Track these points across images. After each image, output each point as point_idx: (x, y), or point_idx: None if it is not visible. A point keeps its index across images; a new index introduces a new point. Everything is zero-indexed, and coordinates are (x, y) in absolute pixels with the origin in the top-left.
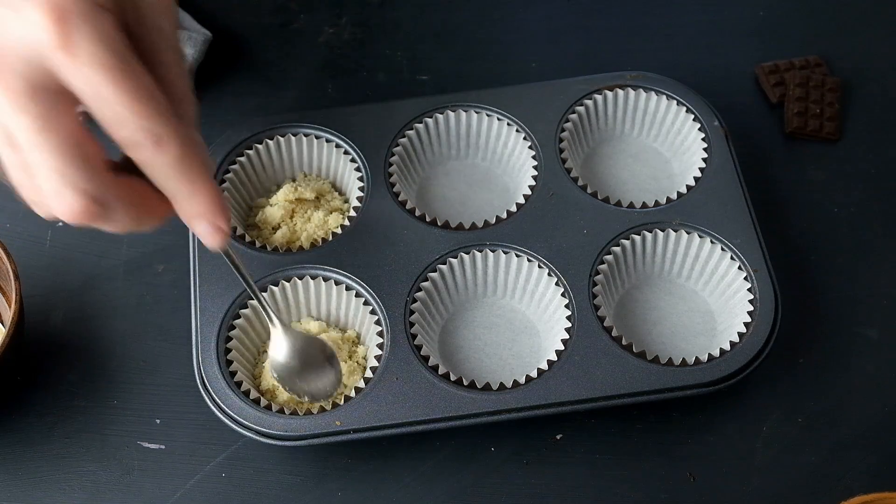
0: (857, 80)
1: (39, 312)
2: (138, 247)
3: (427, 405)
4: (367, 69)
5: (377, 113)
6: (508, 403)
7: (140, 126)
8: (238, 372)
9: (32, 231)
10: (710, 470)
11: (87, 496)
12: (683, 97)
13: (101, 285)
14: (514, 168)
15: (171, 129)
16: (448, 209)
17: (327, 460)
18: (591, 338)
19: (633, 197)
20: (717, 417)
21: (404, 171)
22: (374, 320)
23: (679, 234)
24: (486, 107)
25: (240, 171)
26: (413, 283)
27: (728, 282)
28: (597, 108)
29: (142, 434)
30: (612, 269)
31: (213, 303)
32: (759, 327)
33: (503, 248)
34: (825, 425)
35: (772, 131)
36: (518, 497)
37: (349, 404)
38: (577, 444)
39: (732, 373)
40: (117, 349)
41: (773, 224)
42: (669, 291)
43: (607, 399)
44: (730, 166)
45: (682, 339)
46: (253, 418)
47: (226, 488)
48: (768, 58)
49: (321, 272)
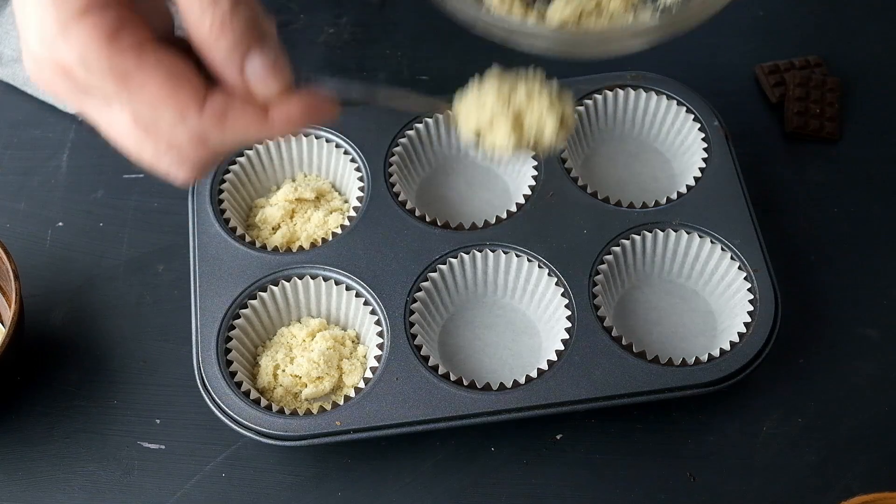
0: (857, 80)
1: (39, 312)
2: (138, 247)
3: (427, 405)
4: (367, 69)
5: (377, 113)
6: (508, 403)
7: (173, 128)
8: (238, 372)
9: (32, 231)
10: (710, 470)
11: (87, 496)
12: (683, 97)
13: (101, 285)
14: (514, 168)
15: (202, 123)
16: (448, 209)
17: (327, 460)
18: (591, 338)
19: (633, 197)
20: (717, 417)
21: (404, 171)
22: (374, 320)
23: (679, 234)
24: None
25: (240, 171)
26: (413, 283)
27: (728, 282)
28: (597, 108)
29: (142, 434)
30: (612, 269)
31: (213, 303)
32: (759, 327)
33: (503, 249)
34: (825, 425)
35: (772, 131)
36: (518, 497)
37: (349, 404)
38: (577, 444)
39: (732, 373)
40: (117, 349)
41: (773, 224)
42: (669, 291)
43: (607, 399)
44: (730, 166)
45: (682, 339)
46: (253, 418)
47: (226, 488)
48: (768, 58)
49: (321, 272)
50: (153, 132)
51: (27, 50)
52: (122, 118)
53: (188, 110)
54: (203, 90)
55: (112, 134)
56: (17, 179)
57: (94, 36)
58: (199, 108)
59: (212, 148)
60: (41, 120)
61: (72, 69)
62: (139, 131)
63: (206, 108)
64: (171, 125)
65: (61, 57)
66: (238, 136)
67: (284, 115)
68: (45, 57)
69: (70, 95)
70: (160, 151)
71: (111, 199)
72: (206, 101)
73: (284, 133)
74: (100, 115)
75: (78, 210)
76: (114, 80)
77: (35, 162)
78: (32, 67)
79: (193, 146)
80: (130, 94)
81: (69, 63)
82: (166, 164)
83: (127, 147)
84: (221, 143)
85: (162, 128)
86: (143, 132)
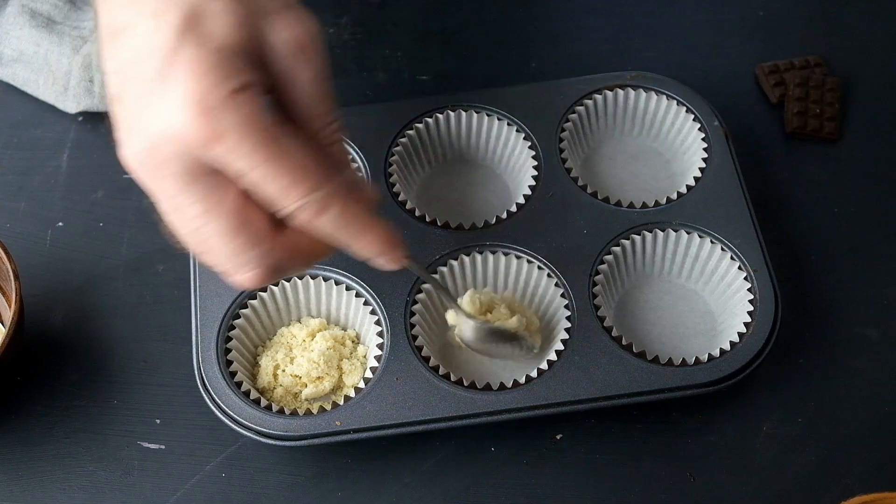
0: (857, 80)
1: (39, 312)
2: (138, 247)
3: (427, 405)
4: (367, 69)
5: (377, 113)
6: (508, 403)
7: (298, 199)
8: (238, 372)
9: (32, 231)
10: (710, 470)
11: (87, 496)
12: (683, 97)
13: (101, 285)
14: (514, 168)
15: (327, 192)
16: (448, 209)
17: (327, 460)
18: (591, 338)
19: (633, 197)
20: (717, 417)
21: (404, 171)
22: (374, 320)
23: (679, 234)
24: (486, 107)
25: None
26: (413, 283)
27: (728, 282)
28: (597, 108)
29: (142, 434)
30: (612, 269)
31: (213, 303)
32: (759, 327)
33: (503, 250)
34: (825, 425)
35: (772, 131)
36: (518, 497)
37: (349, 404)
38: (577, 444)
39: (732, 373)
40: (117, 349)
41: (773, 224)
42: (669, 291)
43: (607, 399)
44: (730, 166)
45: (682, 339)
46: (253, 418)
47: (226, 488)
48: (768, 58)
49: (321, 272)
50: (253, 218)
51: (156, 125)
52: (227, 202)
53: (322, 175)
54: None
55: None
56: (17, 179)
57: (258, 106)
58: (330, 175)
59: (295, 246)
60: (41, 120)
61: (226, 137)
62: (241, 216)
63: (335, 176)
64: (299, 192)
65: (221, 125)
66: (352, 215)
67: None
68: (192, 128)
69: (181, 177)
70: (250, 241)
71: (111, 199)
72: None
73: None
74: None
75: (78, 210)
76: (267, 145)
77: (35, 162)
78: (151, 144)
79: (281, 240)
80: (276, 158)
81: (229, 129)
82: (248, 258)
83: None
84: (336, 216)
85: (284, 197)
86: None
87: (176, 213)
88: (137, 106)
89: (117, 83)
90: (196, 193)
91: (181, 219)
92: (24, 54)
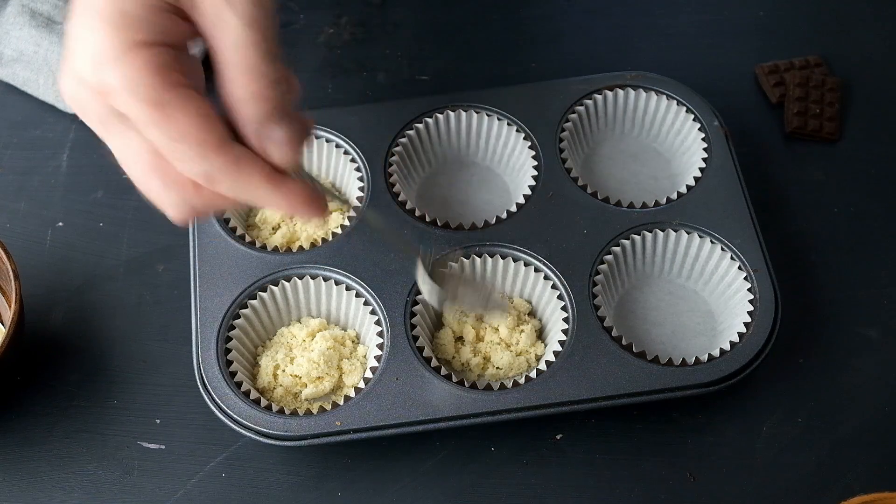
0: (857, 80)
1: (39, 312)
2: (138, 247)
3: (427, 405)
4: (367, 69)
5: (377, 113)
6: (508, 403)
7: (186, 168)
8: (238, 372)
9: (32, 231)
10: (710, 470)
11: (87, 496)
12: (683, 97)
13: (101, 285)
14: (514, 168)
15: (214, 166)
16: (448, 209)
17: (327, 460)
18: (591, 338)
19: (633, 197)
20: (717, 417)
21: (404, 171)
22: (374, 320)
23: (679, 234)
24: (486, 107)
25: None
26: (413, 283)
27: (728, 282)
28: (597, 108)
29: (142, 434)
30: (612, 270)
31: (213, 303)
32: (759, 327)
33: (503, 250)
34: (825, 425)
35: (772, 131)
36: (518, 497)
37: (349, 404)
38: (577, 444)
39: (732, 373)
40: (117, 349)
41: (773, 224)
42: (669, 291)
43: (607, 399)
44: (730, 166)
45: (682, 339)
46: (253, 418)
47: (226, 488)
48: (768, 58)
49: (321, 272)
50: (167, 165)
51: (72, 70)
52: (141, 147)
53: (207, 148)
54: (227, 137)
55: (126, 161)
56: (17, 179)
57: (147, 66)
58: (219, 149)
59: (216, 193)
60: (41, 120)
61: (115, 93)
62: (154, 162)
63: (224, 151)
64: (188, 160)
65: (109, 80)
66: (245, 186)
67: (291, 189)
68: (91, 79)
69: (98, 118)
70: (167, 185)
71: (111, 199)
72: (226, 146)
73: (281, 205)
74: (120, 141)
75: (78, 210)
76: (152, 108)
77: (35, 162)
78: (72, 86)
79: (200, 186)
80: (161, 123)
81: (116, 87)
82: (169, 200)
83: (137, 176)
84: (228, 188)
85: (177, 162)
86: (157, 163)
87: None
88: (69, 48)
89: (69, 21)
90: (112, 137)
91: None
92: (24, 54)
